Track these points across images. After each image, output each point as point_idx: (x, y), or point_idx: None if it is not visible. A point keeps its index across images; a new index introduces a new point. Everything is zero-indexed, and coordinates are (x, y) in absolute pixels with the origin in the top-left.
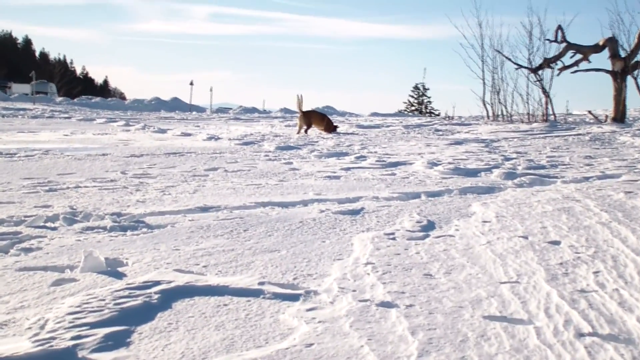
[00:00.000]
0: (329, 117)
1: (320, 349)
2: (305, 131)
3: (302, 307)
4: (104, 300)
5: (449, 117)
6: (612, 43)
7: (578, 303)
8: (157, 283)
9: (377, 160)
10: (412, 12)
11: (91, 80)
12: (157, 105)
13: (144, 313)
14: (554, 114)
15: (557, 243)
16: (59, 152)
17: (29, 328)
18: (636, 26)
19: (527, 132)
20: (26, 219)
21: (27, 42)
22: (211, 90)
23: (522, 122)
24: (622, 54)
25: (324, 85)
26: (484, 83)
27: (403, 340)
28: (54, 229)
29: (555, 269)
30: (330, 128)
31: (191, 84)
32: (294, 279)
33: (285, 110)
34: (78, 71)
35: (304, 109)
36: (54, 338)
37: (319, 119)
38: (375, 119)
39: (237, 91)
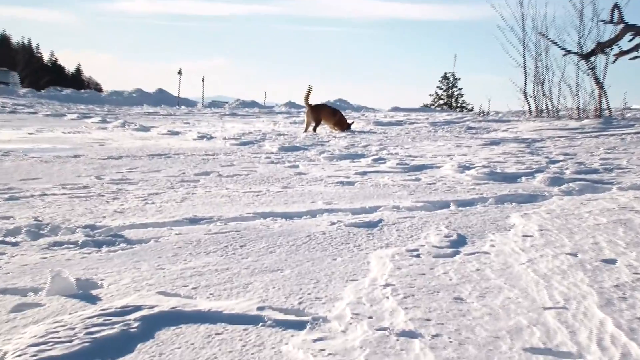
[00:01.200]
0: (342, 112)
1: None
2: (314, 129)
3: (308, 337)
4: (73, 329)
5: (483, 112)
6: None
7: (637, 333)
8: (138, 308)
9: (398, 163)
10: None
11: (61, 69)
12: (139, 98)
13: (122, 344)
14: (608, 109)
15: (612, 262)
16: (22, 153)
17: None
18: None
19: (576, 130)
20: None
21: None
22: (203, 80)
23: (571, 118)
24: None
25: (335, 75)
26: (526, 72)
27: None
28: (15, 244)
29: (610, 293)
30: (343, 125)
31: (179, 73)
32: (300, 303)
33: (291, 105)
34: (45, 58)
35: (312, 102)
36: None
37: (329, 114)
38: (397, 114)
39: (234, 82)
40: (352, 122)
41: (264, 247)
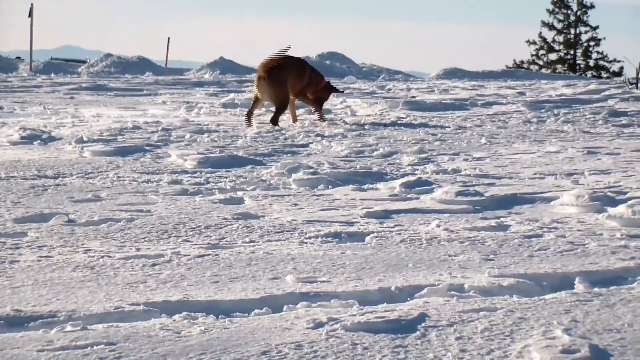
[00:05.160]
0: (313, 69)
1: None
2: (274, 118)
3: None
4: None
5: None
6: None
7: None
8: None
9: (459, 192)
10: None
11: None
12: None
13: None
14: None
15: None
16: None
17: None
18: None
19: None
20: None
21: None
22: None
23: None
24: None
25: (324, 8)
26: None
27: None
28: None
29: None
30: (319, 92)
31: None
32: None
33: (223, 66)
34: None
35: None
36: None
37: (295, 75)
38: (455, 85)
39: (93, 28)
40: (336, 88)
41: None
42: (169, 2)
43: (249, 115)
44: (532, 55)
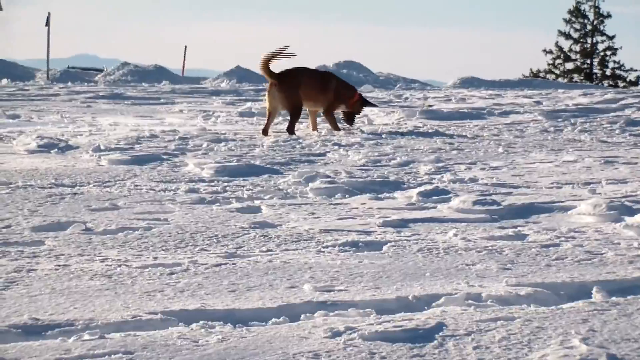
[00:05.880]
0: (342, 82)
1: None
2: (290, 127)
3: None
4: None
5: None
6: None
7: None
8: None
9: (477, 202)
10: None
11: None
12: None
13: None
14: None
15: None
16: None
17: None
18: None
19: None
20: None
21: None
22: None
23: None
24: None
25: (341, 19)
26: None
27: None
28: None
29: None
30: (350, 104)
31: None
32: None
33: (241, 75)
34: None
35: (276, 67)
36: None
37: (314, 86)
38: (472, 94)
39: (119, 29)
40: (370, 102)
41: None
42: (186, 11)
43: (265, 132)
44: (548, 64)
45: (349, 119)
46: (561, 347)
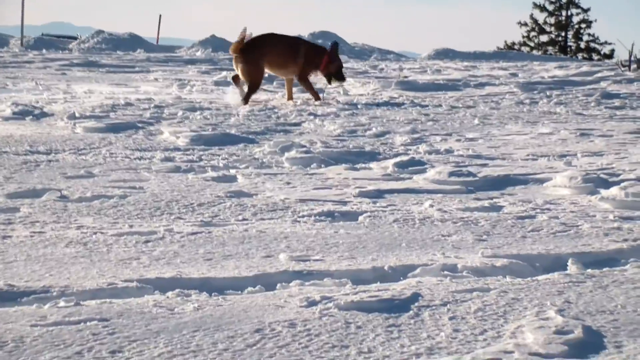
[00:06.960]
0: (312, 45)
1: None
2: (245, 96)
3: None
4: None
5: (636, 60)
6: None
7: None
8: None
9: (453, 173)
10: None
11: None
12: None
13: None
14: None
15: None
16: None
17: None
18: None
19: None
20: None
21: None
22: None
23: None
24: None
25: None
26: None
27: None
28: None
29: None
30: (324, 69)
31: None
32: None
33: (215, 44)
34: None
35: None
36: None
37: (281, 53)
38: (448, 65)
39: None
40: (342, 67)
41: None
42: None
43: (246, 95)
44: (523, 37)
45: (330, 80)
46: (537, 319)
